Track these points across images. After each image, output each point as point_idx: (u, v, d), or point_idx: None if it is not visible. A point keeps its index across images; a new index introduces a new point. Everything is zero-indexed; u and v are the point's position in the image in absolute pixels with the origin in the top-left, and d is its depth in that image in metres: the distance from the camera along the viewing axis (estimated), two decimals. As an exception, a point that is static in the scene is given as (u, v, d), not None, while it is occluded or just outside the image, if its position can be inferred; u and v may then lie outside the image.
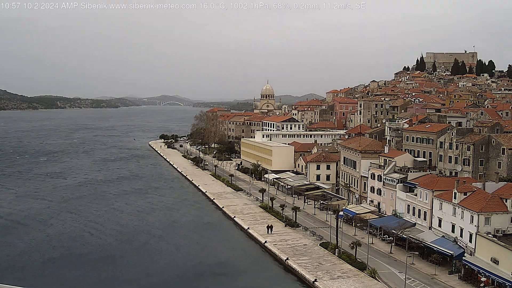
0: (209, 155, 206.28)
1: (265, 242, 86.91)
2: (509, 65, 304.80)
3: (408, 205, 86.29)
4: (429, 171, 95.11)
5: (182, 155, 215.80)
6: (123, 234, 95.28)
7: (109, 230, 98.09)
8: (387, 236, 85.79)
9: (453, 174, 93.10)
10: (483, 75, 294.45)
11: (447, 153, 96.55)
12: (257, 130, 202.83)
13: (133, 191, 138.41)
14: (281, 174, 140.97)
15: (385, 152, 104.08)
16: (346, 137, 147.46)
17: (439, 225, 77.03)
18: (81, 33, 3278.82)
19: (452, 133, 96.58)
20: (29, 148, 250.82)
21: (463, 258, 68.28)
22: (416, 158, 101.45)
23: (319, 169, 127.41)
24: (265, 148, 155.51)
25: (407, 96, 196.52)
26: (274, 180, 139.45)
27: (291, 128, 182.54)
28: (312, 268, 72.92)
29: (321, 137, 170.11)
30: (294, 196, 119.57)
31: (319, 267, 73.34)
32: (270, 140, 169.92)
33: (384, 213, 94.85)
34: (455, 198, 72.85)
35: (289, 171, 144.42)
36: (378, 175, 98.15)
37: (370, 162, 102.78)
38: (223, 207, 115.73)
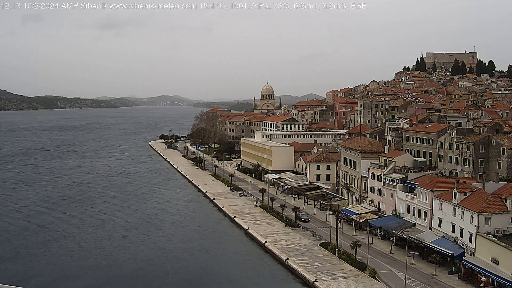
0: (209, 155, 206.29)
1: (265, 242, 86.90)
2: (509, 65, 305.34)
3: (408, 205, 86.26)
4: (429, 171, 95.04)
5: (182, 155, 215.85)
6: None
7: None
8: (390, 236, 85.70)
9: (453, 174, 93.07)
10: (483, 75, 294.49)
11: (447, 153, 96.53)
12: (257, 130, 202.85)
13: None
14: (281, 174, 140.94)
15: (385, 152, 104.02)
16: (346, 137, 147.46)
17: (439, 225, 77.01)
18: (81, 33, 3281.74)
19: (452, 133, 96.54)
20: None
21: (463, 258, 68.30)
22: (416, 158, 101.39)
23: (319, 169, 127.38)
24: (265, 148, 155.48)
25: (407, 96, 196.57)
26: (274, 180, 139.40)
27: (291, 128, 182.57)
28: (312, 268, 72.91)
29: (321, 137, 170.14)
30: (294, 196, 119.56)
31: (319, 267, 73.34)
32: (270, 140, 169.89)
33: (384, 213, 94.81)
34: (455, 198, 72.84)
35: (289, 171, 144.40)
36: (378, 175, 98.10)
37: (370, 162, 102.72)
38: (223, 207, 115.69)
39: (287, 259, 77.31)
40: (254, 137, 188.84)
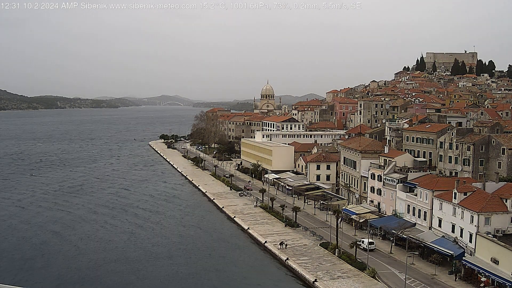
0: (209, 155, 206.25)
1: (265, 242, 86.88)
2: (509, 65, 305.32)
3: (408, 205, 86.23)
4: (429, 171, 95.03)
5: (182, 155, 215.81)
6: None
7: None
8: (390, 236, 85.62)
9: (453, 174, 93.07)
10: (483, 75, 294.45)
11: (447, 153, 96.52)
12: (257, 130, 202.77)
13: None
14: (281, 174, 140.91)
15: (385, 152, 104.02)
16: (346, 137, 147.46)
17: (439, 225, 76.99)
18: (81, 33, 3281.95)
19: (452, 133, 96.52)
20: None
21: (463, 258, 68.27)
22: (416, 158, 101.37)
23: (319, 169, 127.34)
24: (265, 148, 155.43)
25: (407, 96, 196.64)
26: (274, 180, 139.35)
27: (291, 128, 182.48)
28: (312, 268, 72.88)
29: (321, 137, 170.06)
30: (294, 196, 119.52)
31: (319, 267, 73.31)
32: (270, 140, 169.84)
33: (384, 213, 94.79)
34: (455, 198, 72.82)
35: (289, 171, 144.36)
36: (378, 175, 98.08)
37: (370, 162, 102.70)
38: (223, 207, 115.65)
39: (287, 259, 77.29)
40: (254, 137, 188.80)
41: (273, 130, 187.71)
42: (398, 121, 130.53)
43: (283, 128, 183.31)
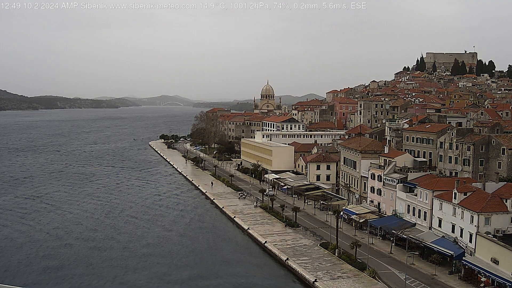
0: (209, 155, 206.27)
1: (265, 242, 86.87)
2: (509, 65, 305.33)
3: (408, 205, 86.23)
4: (429, 171, 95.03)
5: (182, 155, 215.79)
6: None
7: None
8: (390, 236, 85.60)
9: (453, 174, 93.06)
10: (483, 75, 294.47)
11: (447, 153, 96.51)
12: (257, 130, 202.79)
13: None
14: (281, 174, 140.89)
15: (385, 152, 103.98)
16: (346, 137, 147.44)
17: (439, 225, 77.00)
18: (81, 33, 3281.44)
19: (452, 133, 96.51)
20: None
21: (463, 258, 68.27)
22: (416, 158, 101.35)
23: (319, 169, 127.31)
24: (265, 148, 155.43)
25: (407, 96, 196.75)
26: (274, 180, 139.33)
27: (291, 128, 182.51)
28: (312, 268, 72.89)
29: (321, 137, 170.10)
30: (294, 196, 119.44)
31: (319, 267, 73.32)
32: (270, 140, 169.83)
33: (384, 213, 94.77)
34: (455, 198, 72.83)
35: (289, 171, 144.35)
36: (378, 175, 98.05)
37: (370, 162, 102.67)
38: (223, 207, 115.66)
39: (287, 259, 77.29)
40: (254, 137, 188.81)
41: (273, 130, 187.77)
42: (398, 121, 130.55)
43: (283, 128, 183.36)
